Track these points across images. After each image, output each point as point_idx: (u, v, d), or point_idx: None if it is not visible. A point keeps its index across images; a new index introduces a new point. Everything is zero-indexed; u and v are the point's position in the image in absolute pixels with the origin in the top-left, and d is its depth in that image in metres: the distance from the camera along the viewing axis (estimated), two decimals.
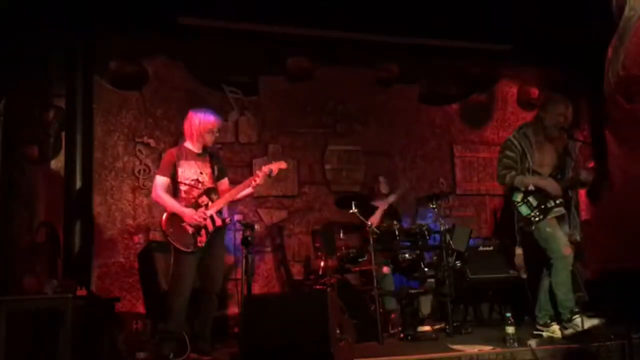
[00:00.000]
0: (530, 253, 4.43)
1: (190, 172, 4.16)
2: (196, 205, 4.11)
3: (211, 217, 4.10)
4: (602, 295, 4.95)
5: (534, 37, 6.08)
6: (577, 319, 4.05)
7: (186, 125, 4.23)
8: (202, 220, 4.03)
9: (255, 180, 4.16)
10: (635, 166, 2.78)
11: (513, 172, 4.30)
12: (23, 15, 5.04)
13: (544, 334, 4.23)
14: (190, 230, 4.02)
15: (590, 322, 4.00)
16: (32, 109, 5.54)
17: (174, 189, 4.17)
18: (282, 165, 4.33)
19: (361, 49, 6.30)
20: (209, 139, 4.22)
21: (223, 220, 4.17)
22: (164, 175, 4.13)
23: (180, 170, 4.13)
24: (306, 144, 6.30)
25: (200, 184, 4.17)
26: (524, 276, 4.71)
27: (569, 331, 4.08)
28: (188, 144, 4.23)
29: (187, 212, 4.02)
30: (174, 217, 4.05)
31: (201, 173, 4.19)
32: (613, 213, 4.58)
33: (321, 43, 6.18)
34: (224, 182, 4.34)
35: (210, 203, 4.15)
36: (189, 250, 4.00)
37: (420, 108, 6.73)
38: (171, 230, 4.02)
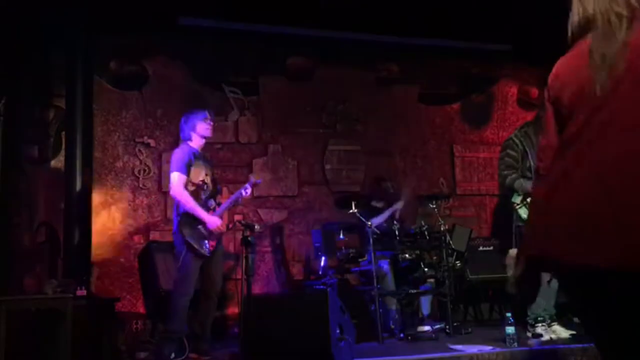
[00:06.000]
0: None
1: (200, 173, 4.13)
2: (205, 208, 4.08)
3: None
4: None
5: (534, 37, 6.07)
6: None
7: (183, 126, 4.18)
8: (224, 229, 4.05)
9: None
10: None
11: (514, 174, 4.28)
12: (23, 15, 5.04)
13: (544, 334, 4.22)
14: (206, 233, 4.01)
15: None
16: (32, 109, 5.54)
17: None
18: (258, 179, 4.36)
19: (361, 49, 6.29)
20: (207, 130, 4.15)
21: (226, 226, 4.19)
22: (183, 172, 4.01)
23: (192, 170, 4.08)
24: (306, 144, 6.29)
25: (206, 186, 4.16)
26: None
27: (569, 331, 4.08)
28: (193, 145, 4.18)
29: (211, 220, 4.00)
30: (189, 218, 4.00)
31: (206, 175, 4.18)
32: None
33: (321, 43, 6.18)
34: None
35: (216, 207, 4.15)
36: (205, 253, 3.98)
37: (420, 108, 6.72)
38: (188, 230, 3.97)
